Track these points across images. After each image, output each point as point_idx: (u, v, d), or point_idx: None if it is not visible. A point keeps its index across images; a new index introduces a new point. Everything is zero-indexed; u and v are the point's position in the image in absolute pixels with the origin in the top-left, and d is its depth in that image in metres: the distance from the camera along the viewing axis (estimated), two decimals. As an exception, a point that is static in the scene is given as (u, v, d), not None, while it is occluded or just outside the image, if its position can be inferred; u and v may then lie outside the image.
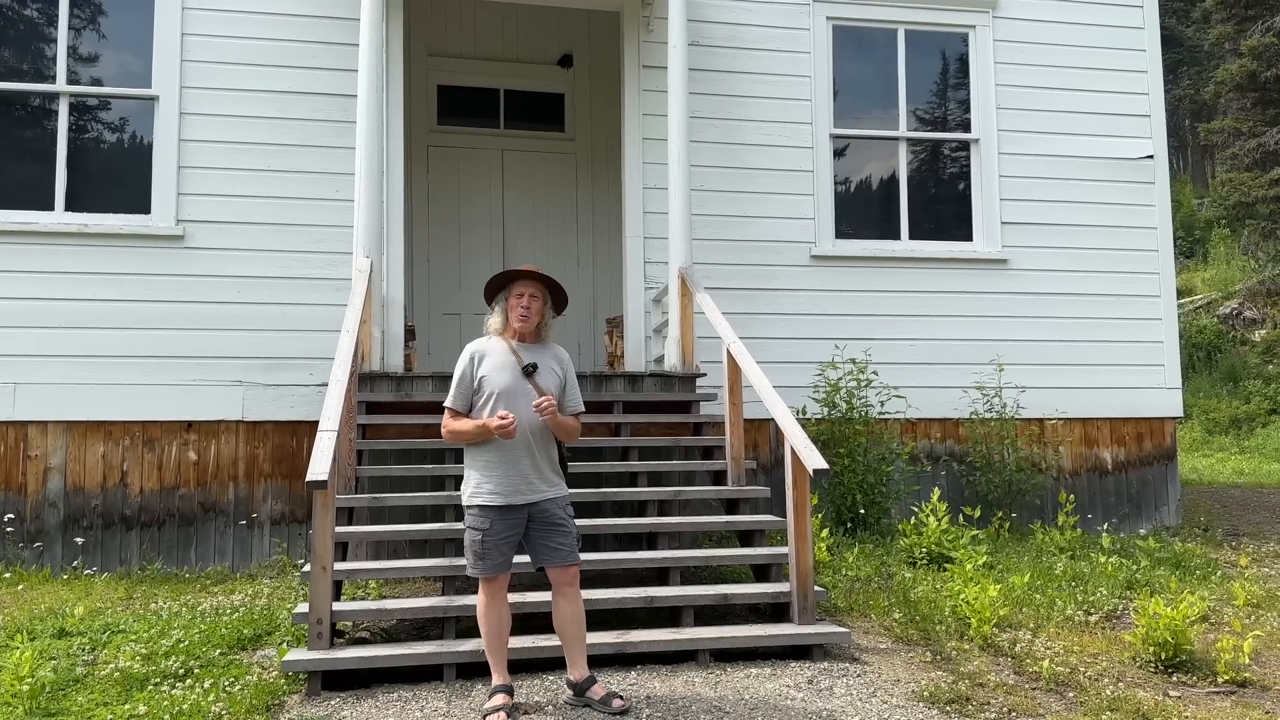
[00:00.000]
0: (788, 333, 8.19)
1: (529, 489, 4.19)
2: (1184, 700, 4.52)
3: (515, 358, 4.27)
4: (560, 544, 4.23)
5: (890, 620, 5.57)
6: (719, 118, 8.34)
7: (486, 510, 4.16)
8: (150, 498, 7.25)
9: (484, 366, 4.27)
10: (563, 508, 4.28)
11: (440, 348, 9.63)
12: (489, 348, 4.33)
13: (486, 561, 4.15)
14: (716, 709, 4.23)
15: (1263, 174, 22.98)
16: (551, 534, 4.22)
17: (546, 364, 4.33)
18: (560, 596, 4.27)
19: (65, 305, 7.21)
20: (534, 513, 4.21)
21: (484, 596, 4.21)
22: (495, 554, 4.16)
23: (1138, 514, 8.85)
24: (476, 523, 4.17)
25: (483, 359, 4.29)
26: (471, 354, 4.32)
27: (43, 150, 7.48)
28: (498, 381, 4.22)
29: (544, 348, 4.41)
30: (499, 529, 4.15)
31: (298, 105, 7.66)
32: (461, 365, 4.31)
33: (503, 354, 4.30)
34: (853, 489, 7.56)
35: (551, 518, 4.23)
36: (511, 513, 4.17)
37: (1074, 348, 8.74)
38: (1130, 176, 9.02)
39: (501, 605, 4.23)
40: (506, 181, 10.07)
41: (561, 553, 4.23)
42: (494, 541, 4.15)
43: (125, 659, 4.76)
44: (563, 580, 4.26)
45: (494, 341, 4.35)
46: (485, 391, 4.22)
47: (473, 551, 4.19)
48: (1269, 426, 18.27)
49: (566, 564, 4.24)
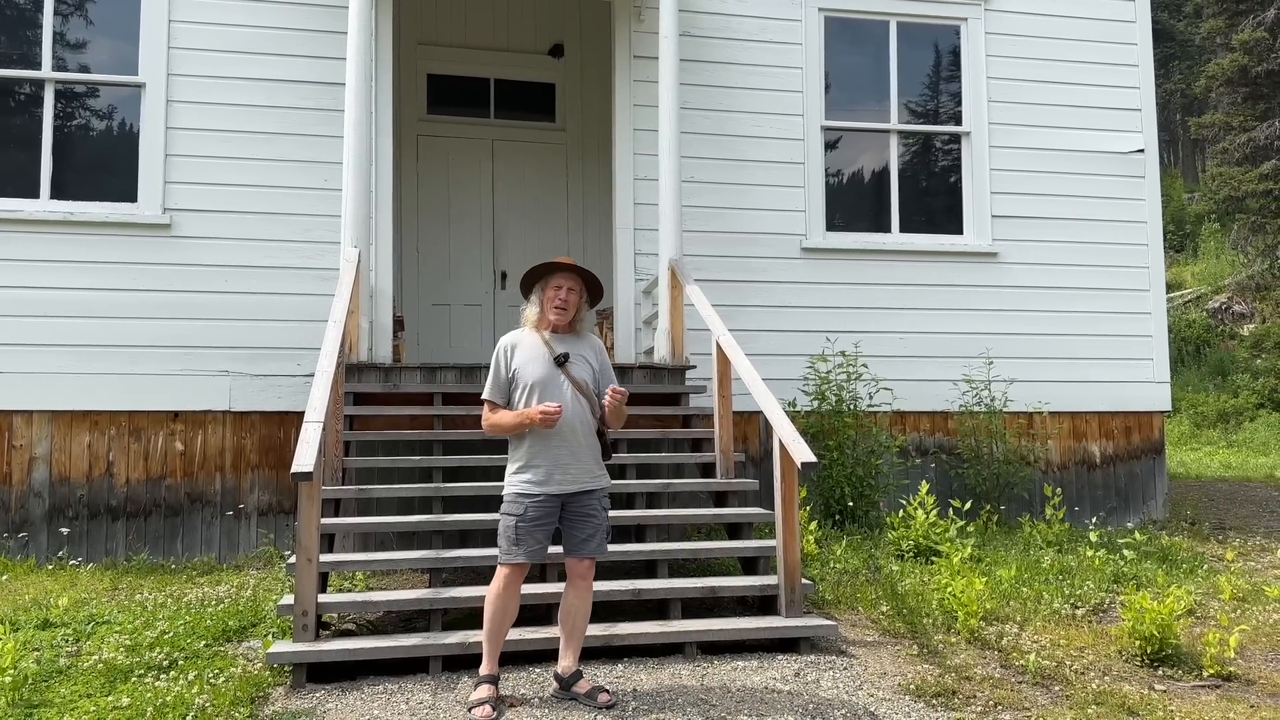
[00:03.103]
0: (778, 325, 8.18)
1: (567, 480, 4.20)
2: (1170, 694, 4.53)
3: (548, 349, 4.27)
4: (589, 535, 4.24)
5: (877, 613, 5.57)
6: (710, 109, 8.31)
7: (523, 498, 4.17)
8: (136, 488, 7.22)
9: (517, 359, 4.28)
10: (600, 499, 4.30)
11: (429, 339, 9.60)
12: (522, 339, 4.34)
13: (521, 547, 4.15)
14: (703, 702, 4.22)
15: (1253, 168, 23.01)
16: (583, 525, 4.24)
17: (579, 353, 4.33)
18: (572, 587, 4.29)
19: (50, 294, 7.15)
20: (569, 502, 4.23)
21: (500, 583, 4.19)
22: (529, 540, 4.15)
23: (1125, 507, 8.88)
24: (512, 508, 4.18)
25: (515, 351, 4.30)
26: (505, 346, 4.33)
27: (28, 137, 7.41)
28: (532, 373, 4.22)
29: (578, 338, 4.41)
30: (533, 515, 4.15)
31: (286, 93, 7.60)
32: (496, 358, 4.32)
33: (536, 346, 4.30)
34: (841, 482, 7.56)
35: (585, 509, 4.25)
36: (548, 501, 4.18)
37: (1063, 341, 8.75)
38: (1121, 170, 9.03)
39: (514, 595, 4.22)
40: (496, 172, 10.03)
41: (589, 545, 4.24)
42: (528, 528, 4.15)
43: (109, 650, 4.73)
44: (579, 571, 4.27)
45: (527, 334, 4.35)
46: (520, 383, 4.23)
47: (506, 537, 4.18)
48: (1256, 421, 18.35)
49: (585, 555, 4.25)
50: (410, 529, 5.59)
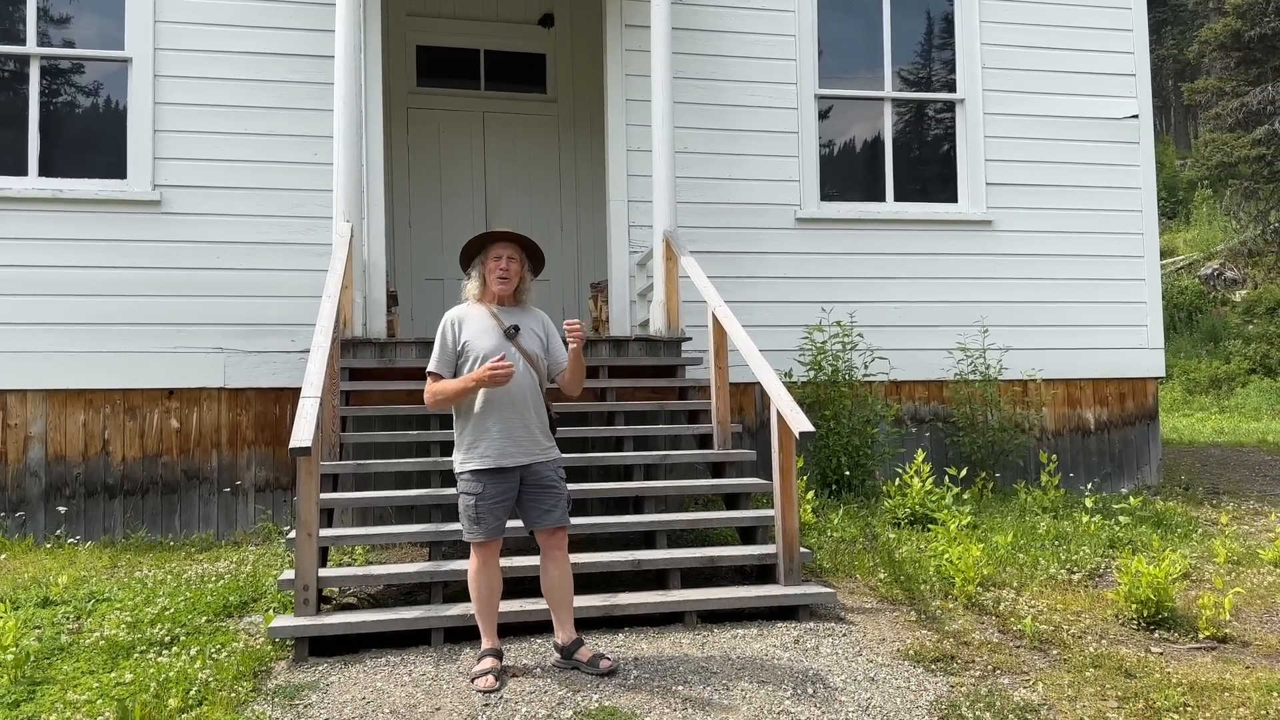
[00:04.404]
0: (773, 296, 8.17)
1: (520, 452, 4.16)
2: (1166, 656, 4.58)
3: (496, 321, 4.23)
4: (551, 506, 4.21)
5: (875, 580, 5.61)
6: (703, 78, 8.24)
7: (479, 475, 4.13)
8: (133, 466, 7.21)
9: (465, 332, 4.21)
10: (554, 470, 4.26)
11: (423, 314, 9.56)
12: (468, 314, 4.28)
13: (481, 526, 4.13)
14: (703, 669, 4.25)
15: (1245, 134, 22.97)
16: (543, 497, 4.21)
17: (528, 326, 4.29)
18: (548, 559, 4.27)
19: (41, 272, 7.10)
20: (526, 475, 4.19)
21: (476, 562, 4.19)
22: (490, 518, 4.13)
23: (1120, 473, 8.92)
24: (469, 488, 4.15)
25: (463, 324, 4.24)
26: (451, 319, 4.26)
27: (15, 115, 7.33)
28: (483, 345, 4.16)
29: (524, 311, 4.36)
30: (492, 493, 4.12)
31: (275, 67, 7.52)
32: (442, 331, 4.25)
33: (483, 318, 4.25)
34: (837, 451, 7.58)
35: (543, 480, 4.21)
36: (504, 476, 4.15)
37: (1058, 309, 8.76)
38: (1115, 136, 9.00)
39: (493, 570, 4.22)
40: (488, 144, 9.96)
41: (552, 515, 4.21)
42: (488, 505, 4.12)
43: (111, 627, 4.74)
44: (551, 543, 4.25)
45: (473, 307, 4.30)
46: (470, 356, 4.17)
47: (467, 516, 4.16)
48: (1248, 386, 18.43)
49: (555, 527, 4.23)
50: (409, 503, 5.60)
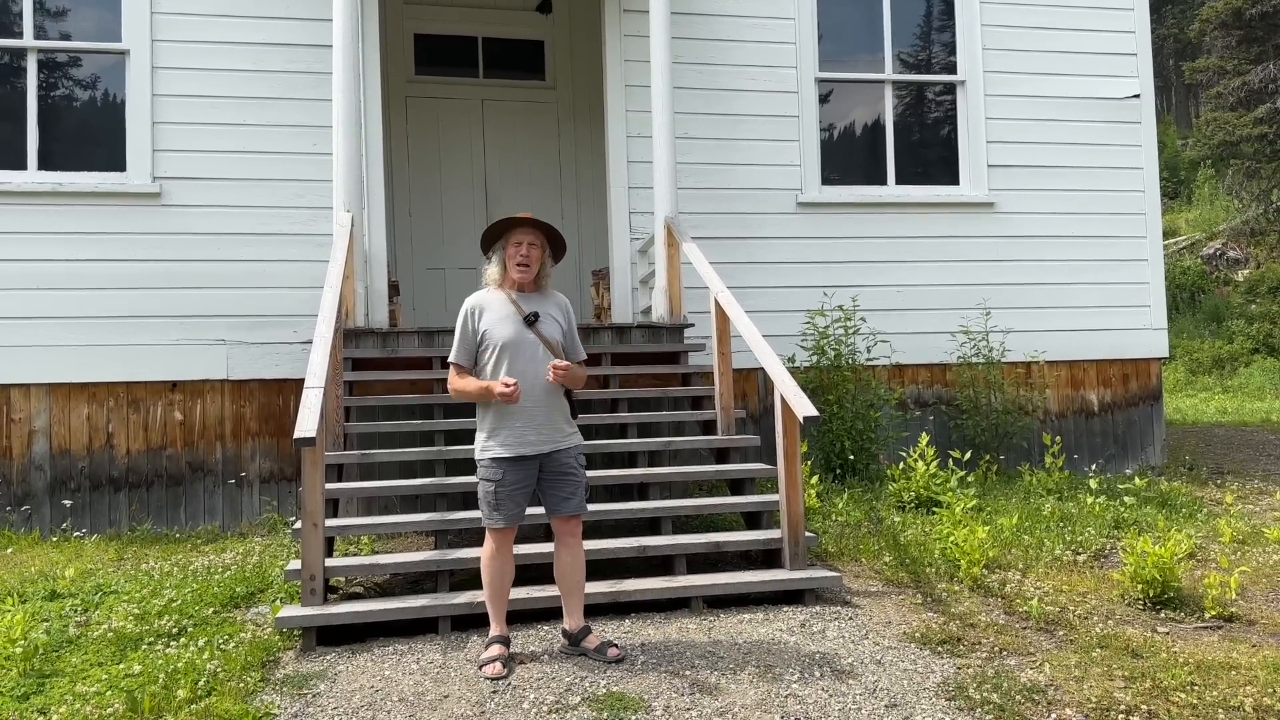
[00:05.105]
0: (775, 281, 8.15)
1: (542, 440, 4.17)
2: (1172, 636, 4.58)
3: (516, 308, 4.21)
4: (569, 494, 4.22)
5: (880, 564, 5.61)
6: (702, 63, 8.21)
7: (499, 462, 4.13)
8: (137, 458, 7.21)
9: (485, 319, 4.20)
10: (574, 457, 4.27)
11: (425, 303, 9.56)
12: (488, 300, 4.27)
13: (501, 512, 4.14)
14: (711, 654, 4.26)
15: (1247, 113, 22.89)
16: (561, 484, 4.21)
17: (548, 312, 4.27)
18: (562, 545, 4.28)
19: (42, 266, 7.10)
20: (546, 463, 4.20)
21: (490, 547, 4.20)
22: (509, 504, 4.14)
23: (1124, 454, 8.92)
24: (489, 474, 4.15)
25: (482, 312, 4.22)
26: (470, 307, 4.25)
27: (13, 108, 7.31)
28: (501, 334, 4.15)
29: (544, 296, 4.34)
30: (511, 479, 4.13)
31: (273, 57, 7.50)
32: (462, 319, 4.24)
33: (503, 305, 4.23)
34: (841, 435, 7.58)
35: (562, 467, 4.22)
36: (523, 464, 4.15)
37: (1060, 290, 8.74)
38: (1117, 116, 8.96)
39: (507, 557, 4.23)
40: (487, 132, 9.93)
41: (570, 503, 4.22)
42: (507, 492, 4.13)
43: (118, 619, 4.75)
44: (566, 530, 4.27)
45: (493, 294, 4.28)
46: (489, 344, 4.16)
47: (486, 503, 4.17)
48: (1251, 366, 18.42)
49: (570, 513, 4.24)
50: (414, 492, 5.61)
